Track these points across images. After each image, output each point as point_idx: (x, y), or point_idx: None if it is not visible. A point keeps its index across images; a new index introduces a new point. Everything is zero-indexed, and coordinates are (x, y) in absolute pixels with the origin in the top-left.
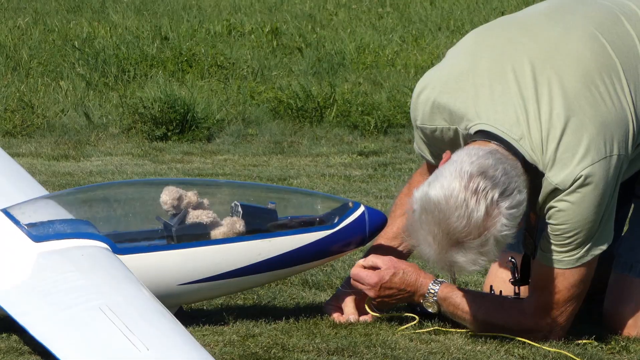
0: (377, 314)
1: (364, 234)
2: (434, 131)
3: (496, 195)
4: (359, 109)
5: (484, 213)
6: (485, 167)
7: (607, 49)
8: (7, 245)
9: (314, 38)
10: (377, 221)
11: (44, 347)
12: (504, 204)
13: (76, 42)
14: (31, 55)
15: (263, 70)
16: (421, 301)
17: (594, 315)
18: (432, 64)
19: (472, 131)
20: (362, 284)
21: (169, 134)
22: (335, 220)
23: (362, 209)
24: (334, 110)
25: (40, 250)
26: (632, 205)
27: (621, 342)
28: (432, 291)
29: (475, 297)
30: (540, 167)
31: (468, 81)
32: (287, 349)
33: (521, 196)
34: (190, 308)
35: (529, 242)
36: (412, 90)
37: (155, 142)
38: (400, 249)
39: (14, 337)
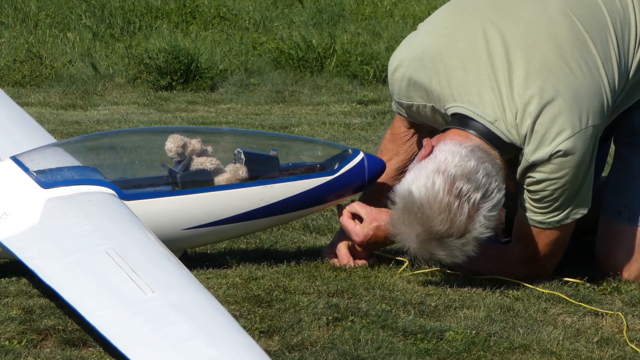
0: (381, 254)
1: (363, 180)
2: (411, 107)
3: (478, 198)
4: (359, 59)
5: (466, 216)
6: (468, 169)
7: (577, 25)
8: (16, 192)
9: None
10: (376, 167)
11: (52, 290)
12: (485, 206)
13: None
14: (39, 7)
15: (265, 22)
16: None
17: (585, 257)
18: (430, 14)
19: (448, 112)
20: (350, 235)
21: (174, 83)
22: (336, 167)
23: (361, 155)
24: (334, 60)
25: (48, 196)
26: (614, 149)
27: (613, 283)
28: None
29: None
30: (518, 144)
31: (443, 62)
32: (288, 291)
33: (500, 194)
34: (195, 252)
35: (509, 204)
36: None
37: (160, 92)
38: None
39: (24, 280)
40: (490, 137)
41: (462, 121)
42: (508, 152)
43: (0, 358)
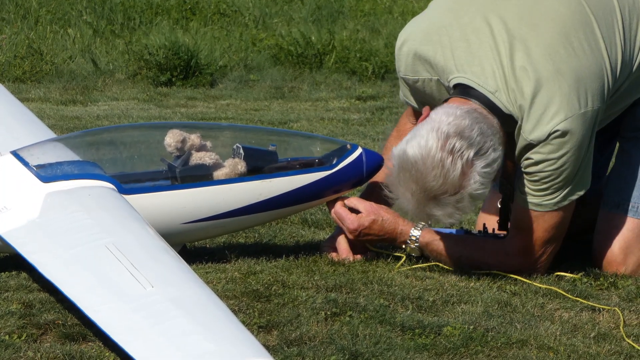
0: (377, 250)
1: (362, 175)
2: (416, 82)
3: (471, 155)
4: (357, 55)
5: (460, 172)
6: (461, 127)
7: (583, 5)
8: (16, 186)
9: None
10: (374, 162)
11: (52, 284)
12: (479, 163)
13: None
14: (40, 4)
15: (264, 18)
16: (403, 246)
17: (582, 253)
18: None
19: (451, 84)
20: (343, 224)
21: (173, 79)
22: (334, 162)
23: (359, 150)
24: (333, 56)
25: (48, 191)
26: (617, 145)
27: (609, 279)
28: (414, 237)
29: (457, 241)
30: (516, 117)
31: (447, 34)
32: (287, 285)
33: (496, 154)
34: (194, 246)
35: (506, 188)
36: None
37: (160, 88)
38: None
39: (23, 274)
40: (490, 106)
41: (463, 90)
42: (507, 124)
43: (0, 352)
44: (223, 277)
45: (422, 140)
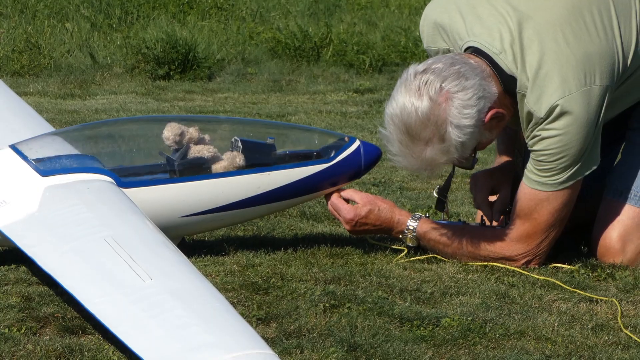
0: (376, 243)
1: (360, 167)
2: (437, 53)
3: (438, 85)
4: (355, 49)
5: (428, 102)
6: (429, 64)
7: None
8: (15, 180)
9: None
10: (372, 155)
11: (51, 277)
12: (452, 89)
13: None
14: None
15: (261, 12)
16: (400, 236)
17: (581, 244)
18: (425, 4)
19: (462, 49)
20: (339, 214)
21: (171, 73)
22: (332, 154)
23: (357, 143)
24: (331, 49)
25: (47, 185)
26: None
27: (607, 270)
28: (411, 227)
29: (455, 230)
30: (517, 80)
31: (463, 3)
32: (285, 278)
33: (468, 82)
34: (192, 239)
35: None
36: (405, 30)
37: (158, 81)
38: None
39: (23, 268)
40: (493, 65)
41: (472, 51)
42: (507, 83)
43: (0, 345)
44: (222, 269)
45: (395, 94)
